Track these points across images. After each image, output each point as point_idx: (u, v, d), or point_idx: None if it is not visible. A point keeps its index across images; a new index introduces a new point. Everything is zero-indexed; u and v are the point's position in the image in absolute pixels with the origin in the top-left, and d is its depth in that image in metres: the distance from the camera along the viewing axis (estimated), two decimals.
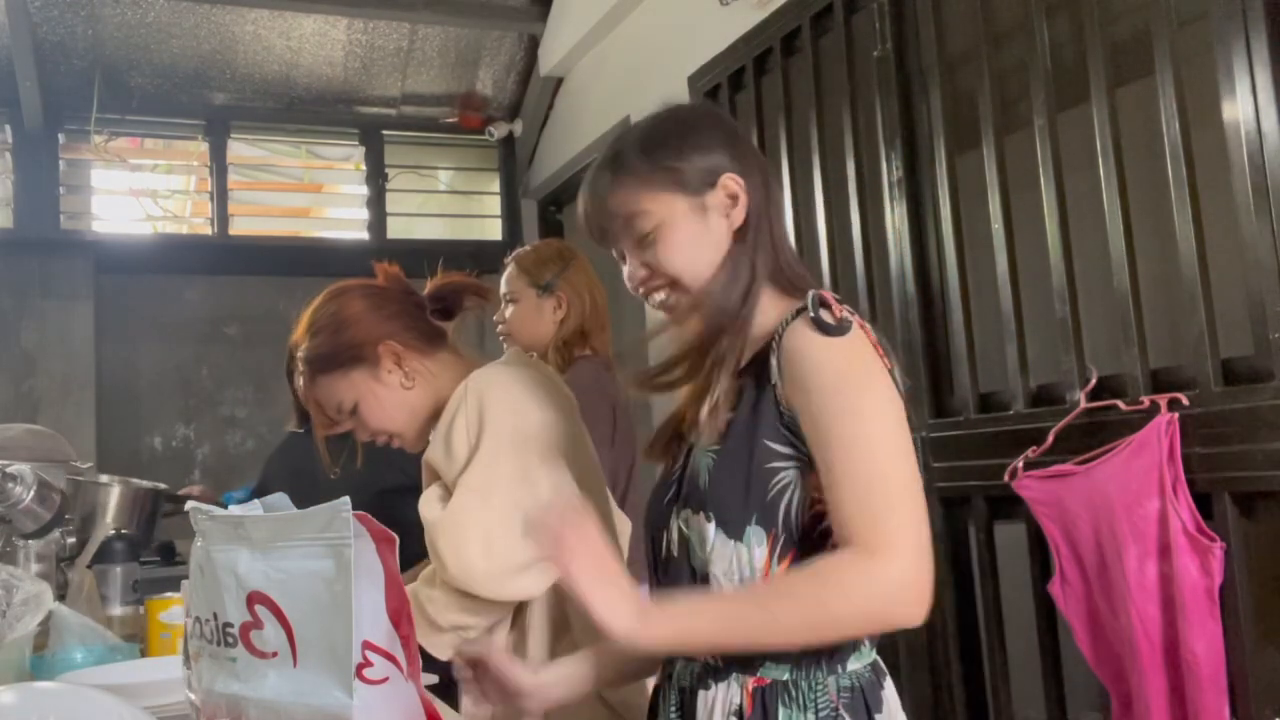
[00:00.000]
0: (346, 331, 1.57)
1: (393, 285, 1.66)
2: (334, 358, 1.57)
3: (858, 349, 1.05)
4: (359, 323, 1.58)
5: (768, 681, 1.07)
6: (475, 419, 1.46)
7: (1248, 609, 1.73)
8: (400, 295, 1.64)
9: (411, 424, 1.60)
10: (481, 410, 1.47)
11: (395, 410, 1.59)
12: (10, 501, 1.81)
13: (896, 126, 2.54)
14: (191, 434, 4.52)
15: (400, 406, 1.59)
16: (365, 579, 0.91)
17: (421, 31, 4.32)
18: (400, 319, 1.60)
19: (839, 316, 1.05)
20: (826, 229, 2.82)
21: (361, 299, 1.61)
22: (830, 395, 1.02)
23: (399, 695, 0.93)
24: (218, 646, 0.98)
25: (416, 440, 1.62)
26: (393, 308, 1.61)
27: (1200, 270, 1.85)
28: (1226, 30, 1.80)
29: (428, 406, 1.59)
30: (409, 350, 1.59)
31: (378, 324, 1.58)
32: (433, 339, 1.63)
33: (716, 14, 3.19)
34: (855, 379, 1.03)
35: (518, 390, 1.51)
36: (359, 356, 1.57)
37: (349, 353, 1.57)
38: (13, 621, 1.52)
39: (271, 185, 4.78)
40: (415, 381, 1.59)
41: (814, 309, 1.05)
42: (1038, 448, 2.03)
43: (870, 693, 1.08)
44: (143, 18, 3.99)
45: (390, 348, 1.57)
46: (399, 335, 1.59)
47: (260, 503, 1.02)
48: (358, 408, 1.59)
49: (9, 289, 4.12)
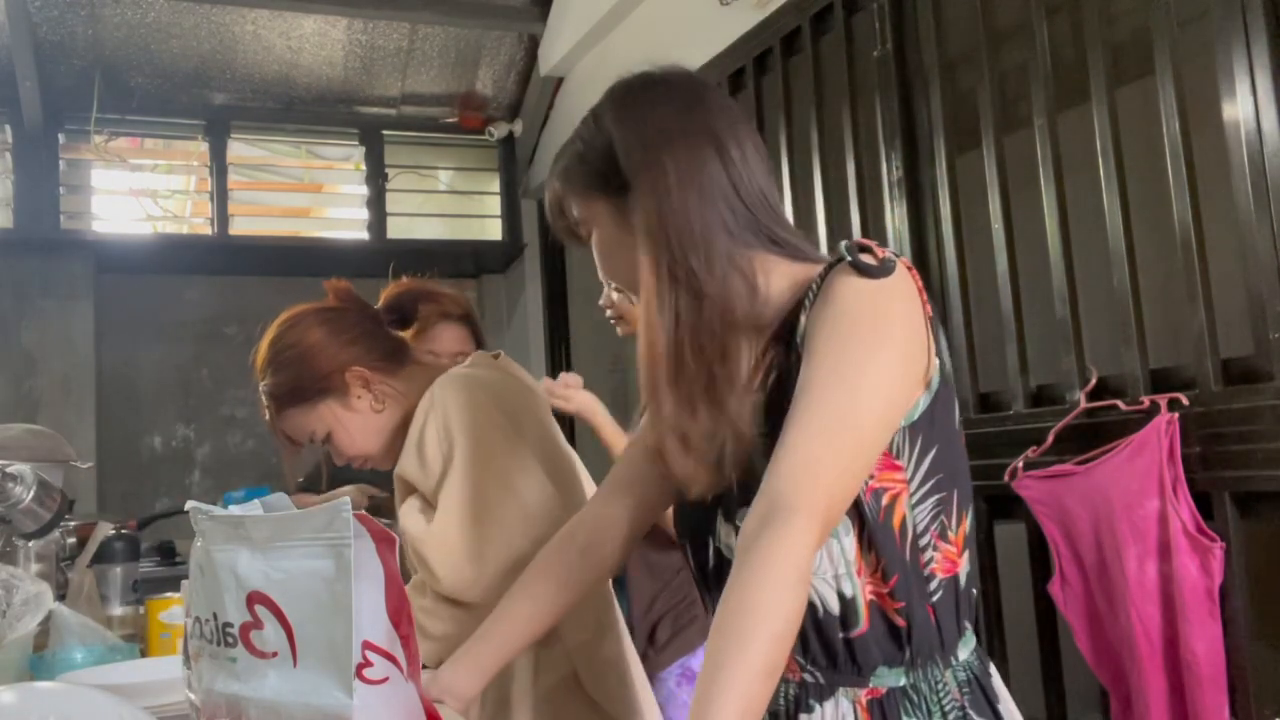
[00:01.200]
0: (311, 363, 1.54)
1: (347, 305, 1.62)
2: (301, 391, 1.54)
3: (893, 292, 0.95)
4: (322, 352, 1.54)
5: (883, 691, 0.98)
6: (445, 427, 1.44)
7: (1247, 609, 1.73)
8: (357, 315, 1.60)
9: (386, 445, 1.58)
10: (451, 418, 1.45)
11: (368, 435, 1.57)
12: (10, 501, 1.81)
13: (896, 126, 2.54)
14: (191, 434, 4.52)
15: (372, 430, 1.57)
16: (365, 579, 0.91)
17: (421, 31, 4.32)
18: (362, 342, 1.57)
19: (882, 257, 0.96)
20: (826, 229, 2.82)
21: (319, 326, 1.56)
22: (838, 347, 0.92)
23: (399, 695, 0.93)
24: (218, 646, 0.98)
25: (386, 459, 1.59)
26: (352, 331, 1.57)
27: (1200, 270, 1.85)
28: (1226, 30, 1.80)
29: (398, 426, 1.56)
30: (376, 373, 1.56)
31: (340, 350, 1.54)
32: (396, 355, 1.61)
33: (716, 14, 3.19)
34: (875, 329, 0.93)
35: (482, 395, 1.49)
36: (327, 388, 1.54)
37: (317, 385, 1.53)
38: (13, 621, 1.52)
39: (271, 185, 4.78)
40: (385, 403, 1.56)
41: (852, 254, 0.96)
42: (1038, 448, 2.03)
43: (985, 681, 1.01)
44: (143, 18, 3.99)
45: (357, 373, 1.55)
46: (364, 359, 1.55)
47: (260, 503, 1.02)
48: (330, 437, 1.56)
49: (9, 289, 4.12)
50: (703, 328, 1.00)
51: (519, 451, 1.46)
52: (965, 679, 0.99)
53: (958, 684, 0.98)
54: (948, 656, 0.99)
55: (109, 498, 4.10)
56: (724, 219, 1.02)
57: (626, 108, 1.08)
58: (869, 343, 0.92)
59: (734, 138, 1.06)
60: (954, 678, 0.98)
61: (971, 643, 1.03)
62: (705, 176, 1.02)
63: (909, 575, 0.97)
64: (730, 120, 1.07)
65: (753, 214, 1.04)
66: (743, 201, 1.03)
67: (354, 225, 4.77)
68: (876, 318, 0.94)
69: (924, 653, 0.98)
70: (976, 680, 1.00)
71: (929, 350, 0.97)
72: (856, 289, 0.94)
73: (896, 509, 0.96)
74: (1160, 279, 2.16)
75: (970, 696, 0.98)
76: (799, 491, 0.87)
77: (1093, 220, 2.08)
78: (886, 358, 0.93)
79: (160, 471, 4.44)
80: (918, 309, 0.97)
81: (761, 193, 1.05)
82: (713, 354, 1.00)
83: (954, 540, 1.00)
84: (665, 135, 1.04)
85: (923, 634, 0.98)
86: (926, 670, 0.98)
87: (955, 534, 1.00)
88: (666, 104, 1.06)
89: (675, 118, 1.05)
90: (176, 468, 4.47)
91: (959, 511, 1.01)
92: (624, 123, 1.06)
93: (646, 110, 1.06)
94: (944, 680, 0.98)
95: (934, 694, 0.97)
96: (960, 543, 1.01)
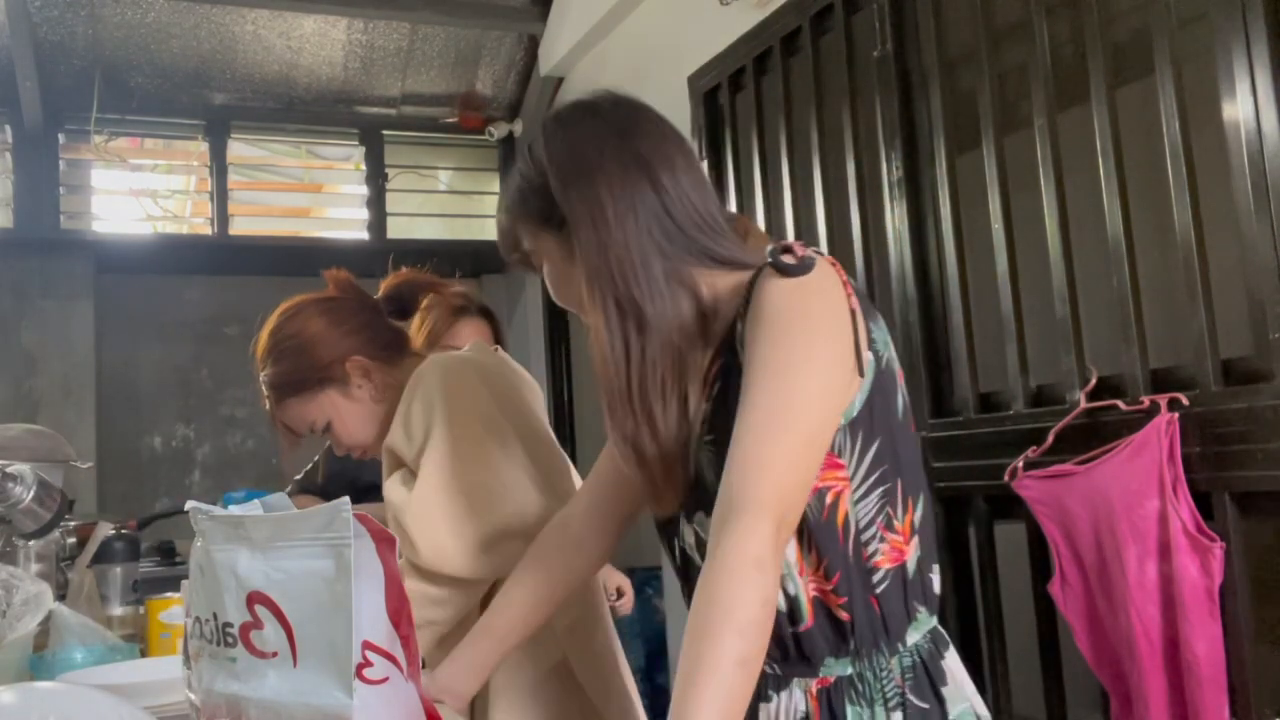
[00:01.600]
0: (311, 353, 1.54)
1: (347, 295, 1.62)
2: (302, 381, 1.54)
3: (813, 288, 0.98)
4: (322, 342, 1.54)
5: (831, 680, 1.03)
6: (430, 400, 1.45)
7: (1247, 609, 1.73)
8: (356, 305, 1.61)
9: (382, 435, 1.57)
10: (436, 391, 1.45)
11: (368, 425, 1.58)
12: (10, 501, 1.81)
13: (896, 126, 2.54)
14: (191, 434, 4.52)
15: (372, 420, 1.57)
16: (365, 579, 0.91)
17: (421, 31, 4.32)
18: (362, 331, 1.57)
19: (800, 256, 1.00)
20: (826, 229, 2.82)
21: (320, 316, 1.57)
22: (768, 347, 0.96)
23: (399, 695, 0.93)
24: (218, 646, 0.98)
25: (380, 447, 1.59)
26: (352, 321, 1.58)
27: (1200, 270, 1.85)
28: (1226, 30, 1.80)
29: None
30: (376, 362, 1.56)
31: (341, 340, 1.55)
32: (396, 345, 1.61)
33: (716, 14, 3.19)
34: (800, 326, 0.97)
35: (470, 371, 1.50)
36: (328, 377, 1.54)
37: (317, 374, 1.54)
38: (13, 621, 1.52)
39: (271, 185, 4.78)
40: (385, 394, 1.57)
41: (774, 256, 1.00)
42: (1038, 448, 2.03)
43: (932, 664, 1.03)
44: (143, 18, 3.99)
45: (358, 363, 1.55)
46: (364, 349, 1.56)
47: (260, 503, 1.02)
48: (330, 426, 1.57)
49: (9, 289, 4.12)
50: (650, 355, 1.03)
51: (501, 429, 1.46)
52: (910, 664, 1.02)
53: (901, 670, 1.02)
54: (894, 643, 1.02)
55: (109, 498, 4.10)
56: (659, 244, 1.05)
57: (558, 140, 1.11)
58: (797, 340, 0.96)
59: (664, 161, 1.08)
60: (899, 664, 1.02)
61: (926, 625, 1.06)
62: (638, 204, 1.05)
63: (851, 571, 1.01)
64: (658, 143, 1.09)
65: (687, 234, 1.06)
66: (676, 223, 1.06)
67: (354, 225, 4.77)
68: (801, 316, 0.97)
69: (869, 642, 1.02)
70: (923, 664, 1.03)
71: (858, 343, 1.00)
72: (780, 290, 0.98)
73: (840, 506, 1.00)
74: (1160, 279, 2.16)
75: (913, 681, 1.01)
76: (746, 489, 0.92)
77: (1093, 220, 2.08)
78: (816, 352, 0.96)
79: (160, 471, 4.44)
80: (841, 302, 0.99)
81: (695, 211, 1.08)
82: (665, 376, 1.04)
83: (900, 529, 1.03)
84: (595, 166, 1.06)
85: (866, 625, 1.01)
86: (872, 659, 1.02)
87: (902, 523, 1.03)
88: (595, 134, 1.09)
89: (604, 147, 1.08)
90: (176, 468, 4.47)
91: (905, 500, 1.03)
92: (555, 157, 1.09)
93: (576, 142, 1.09)
94: (889, 667, 1.02)
95: (877, 681, 1.01)
96: (908, 531, 1.03)
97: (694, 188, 1.09)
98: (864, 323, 1.01)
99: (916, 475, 1.05)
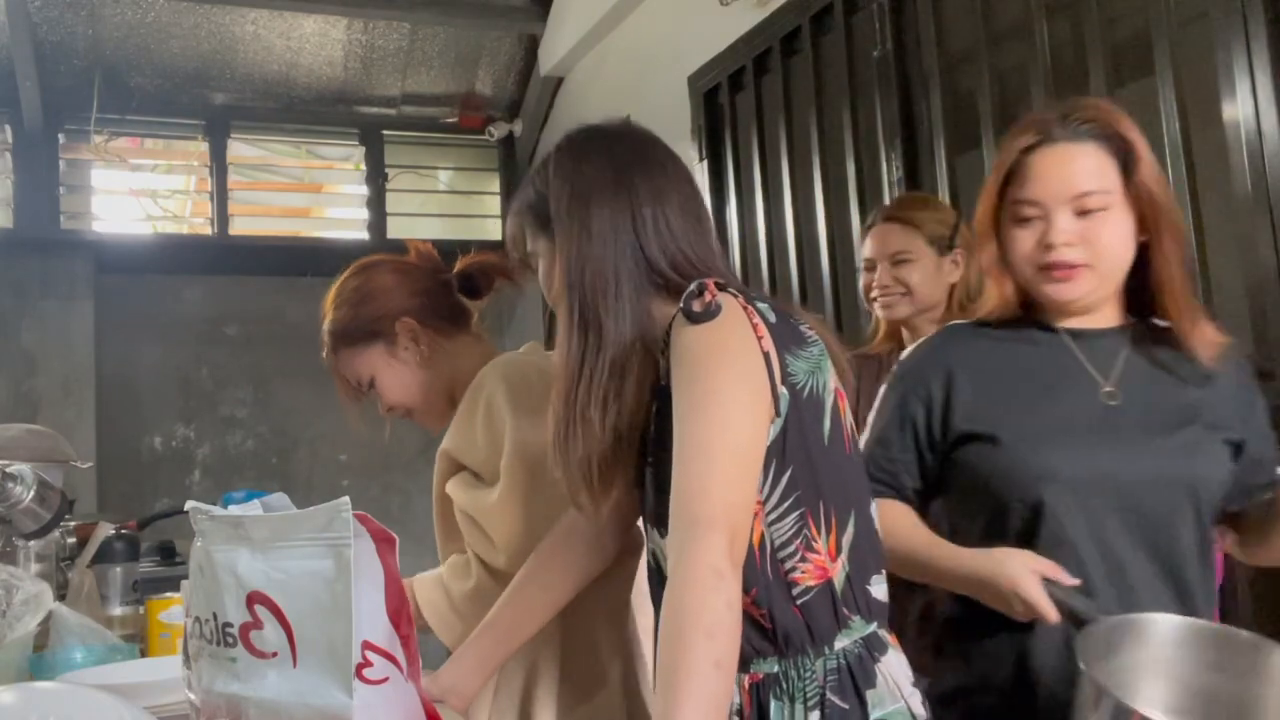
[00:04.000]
0: (367, 306, 1.61)
1: (422, 262, 1.69)
2: (354, 332, 1.60)
3: (720, 333, 1.05)
4: (381, 297, 1.61)
5: (761, 676, 1.08)
6: (497, 408, 1.49)
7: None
8: (428, 273, 1.67)
9: (427, 401, 1.63)
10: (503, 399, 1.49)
11: (410, 387, 1.62)
12: (10, 501, 1.81)
13: (896, 126, 2.54)
14: (191, 434, 4.52)
15: (416, 383, 1.62)
16: (365, 579, 0.91)
17: (421, 31, 4.32)
18: (424, 296, 1.63)
19: (707, 302, 1.07)
20: (826, 229, 2.82)
21: (389, 274, 1.64)
22: (686, 386, 1.04)
23: (399, 695, 0.93)
24: (218, 646, 0.98)
25: (430, 418, 1.65)
26: (418, 284, 1.64)
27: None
28: (1226, 30, 1.80)
29: (444, 386, 1.62)
30: (427, 329, 1.61)
31: (400, 300, 1.61)
32: (456, 319, 1.66)
33: (716, 14, 3.19)
34: (709, 367, 1.04)
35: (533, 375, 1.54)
36: (376, 331, 1.60)
37: (367, 327, 1.60)
38: (13, 621, 1.52)
39: (271, 185, 4.78)
40: (432, 360, 1.61)
41: (685, 301, 1.07)
42: None
43: (859, 669, 1.07)
44: (143, 18, 3.99)
45: (407, 325, 1.60)
46: (419, 313, 1.61)
47: (260, 503, 1.02)
48: (374, 381, 1.62)
49: (9, 289, 4.12)
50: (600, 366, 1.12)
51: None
52: (835, 666, 1.07)
53: (825, 671, 1.07)
54: (820, 647, 1.08)
55: (109, 498, 4.10)
56: (630, 270, 1.15)
57: (567, 159, 1.21)
58: (714, 374, 1.04)
59: (655, 197, 1.17)
60: (823, 666, 1.07)
61: (860, 631, 1.09)
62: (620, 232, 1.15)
63: (771, 585, 1.07)
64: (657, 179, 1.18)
65: (655, 268, 1.15)
66: (647, 256, 1.15)
67: (354, 225, 4.78)
68: (711, 356, 1.05)
69: (794, 645, 1.07)
70: (848, 667, 1.07)
71: (772, 381, 1.06)
72: (689, 334, 1.06)
73: (755, 527, 1.06)
74: None
75: (835, 682, 1.07)
76: (693, 510, 1.00)
77: None
78: (732, 383, 1.04)
79: (160, 471, 4.44)
80: (750, 343, 1.06)
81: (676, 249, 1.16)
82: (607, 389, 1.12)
83: (825, 550, 1.08)
84: (591, 190, 1.17)
85: (790, 631, 1.07)
86: (797, 659, 1.07)
87: (825, 544, 1.08)
88: (599, 160, 1.19)
89: (604, 174, 1.18)
90: (176, 468, 4.47)
91: (829, 523, 1.09)
92: (560, 174, 1.20)
93: (582, 164, 1.19)
94: (813, 668, 1.07)
95: (800, 680, 1.07)
96: (833, 550, 1.09)
97: (682, 224, 1.18)
98: (779, 360, 1.07)
99: (846, 497, 1.11)
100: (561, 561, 1.30)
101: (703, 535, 0.98)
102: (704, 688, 0.92)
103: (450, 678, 1.26)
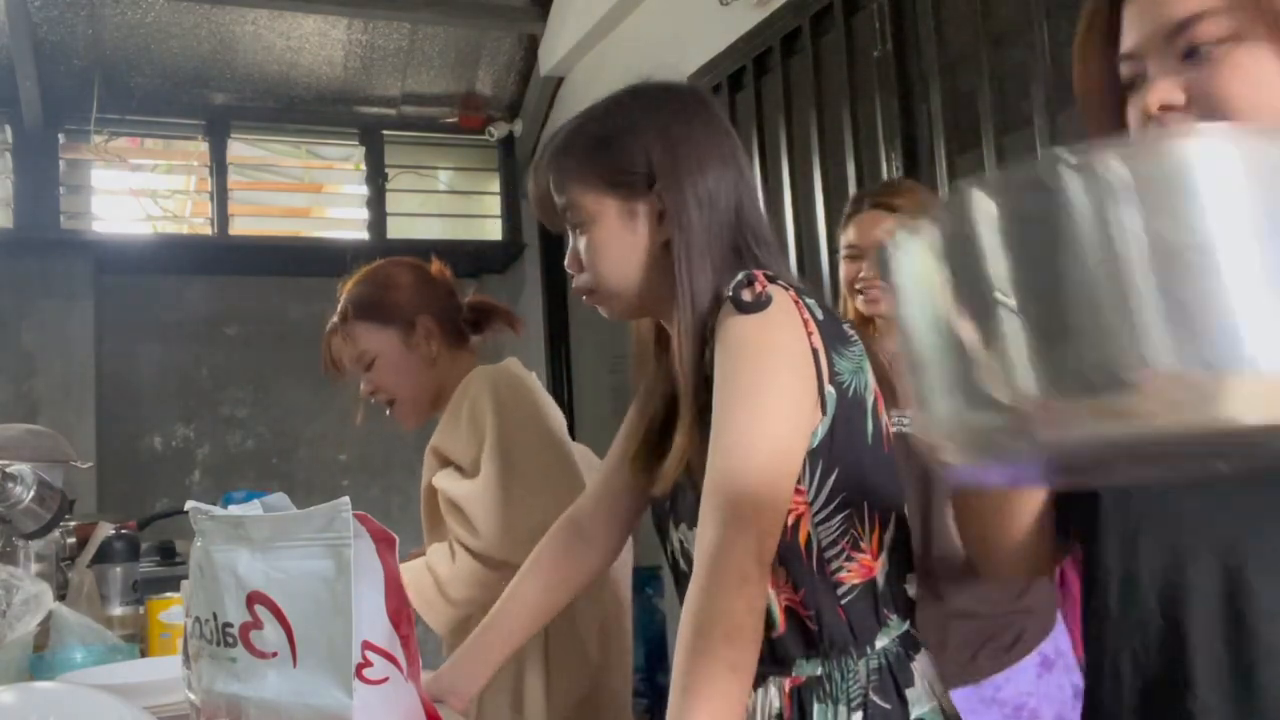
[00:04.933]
0: (395, 293, 1.71)
1: (442, 279, 1.79)
2: (377, 308, 1.70)
3: (769, 326, 1.01)
4: (409, 290, 1.71)
5: (802, 679, 1.06)
6: (482, 408, 1.59)
7: None
8: (446, 289, 1.77)
9: (415, 397, 1.72)
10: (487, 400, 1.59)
11: (408, 378, 1.70)
12: (10, 501, 1.81)
13: (896, 126, 2.54)
14: (191, 434, 4.52)
15: (414, 377, 1.70)
16: (365, 579, 0.91)
17: (421, 31, 4.32)
18: (440, 304, 1.73)
19: (758, 292, 1.02)
20: (826, 229, 2.82)
21: (414, 273, 1.75)
22: (730, 379, 1.00)
23: (399, 695, 0.93)
24: (218, 646, 0.98)
25: (409, 413, 1.74)
26: (437, 293, 1.74)
27: None
28: None
29: (434, 389, 1.71)
30: (442, 333, 1.71)
31: (425, 299, 1.71)
32: (459, 336, 1.75)
33: (716, 14, 3.20)
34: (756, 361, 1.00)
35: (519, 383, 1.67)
36: (399, 317, 1.69)
37: (391, 309, 1.69)
38: (13, 621, 1.52)
39: (271, 185, 4.78)
40: (436, 362, 1.70)
41: (735, 290, 1.03)
42: None
43: (900, 668, 1.06)
44: (143, 18, 3.99)
45: (426, 323, 1.69)
46: (439, 316, 1.72)
47: (260, 503, 1.02)
48: (375, 362, 1.69)
49: (9, 289, 4.12)
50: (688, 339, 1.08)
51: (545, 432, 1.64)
52: (877, 666, 1.06)
53: (867, 671, 1.05)
54: (862, 647, 1.06)
55: (109, 498, 4.10)
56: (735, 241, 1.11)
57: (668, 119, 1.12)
58: (761, 367, 1.00)
59: (746, 166, 1.15)
60: (865, 666, 1.05)
61: (896, 630, 1.09)
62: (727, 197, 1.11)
63: (817, 585, 1.05)
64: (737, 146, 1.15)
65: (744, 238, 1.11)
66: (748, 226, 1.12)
67: (354, 225, 4.78)
68: (757, 352, 1.01)
69: (837, 646, 1.05)
70: (889, 667, 1.06)
71: (820, 378, 1.02)
72: (738, 324, 1.02)
73: (801, 528, 1.04)
74: None
75: (877, 682, 1.05)
76: (724, 507, 0.97)
77: None
78: (779, 379, 1.00)
79: (160, 471, 4.43)
80: (801, 339, 1.02)
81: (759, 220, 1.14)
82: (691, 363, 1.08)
83: (868, 549, 1.07)
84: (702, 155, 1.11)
85: (834, 632, 1.05)
86: (840, 661, 1.05)
87: (869, 543, 1.07)
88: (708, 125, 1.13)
89: (714, 136, 1.13)
90: (176, 468, 4.47)
91: (873, 522, 1.07)
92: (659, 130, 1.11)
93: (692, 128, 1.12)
94: (855, 669, 1.05)
95: (844, 681, 1.05)
96: (875, 549, 1.07)
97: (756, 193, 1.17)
98: (827, 359, 1.03)
99: (886, 498, 1.09)
100: (562, 563, 1.30)
101: (733, 538, 0.95)
102: (721, 693, 0.91)
103: (450, 678, 1.26)
